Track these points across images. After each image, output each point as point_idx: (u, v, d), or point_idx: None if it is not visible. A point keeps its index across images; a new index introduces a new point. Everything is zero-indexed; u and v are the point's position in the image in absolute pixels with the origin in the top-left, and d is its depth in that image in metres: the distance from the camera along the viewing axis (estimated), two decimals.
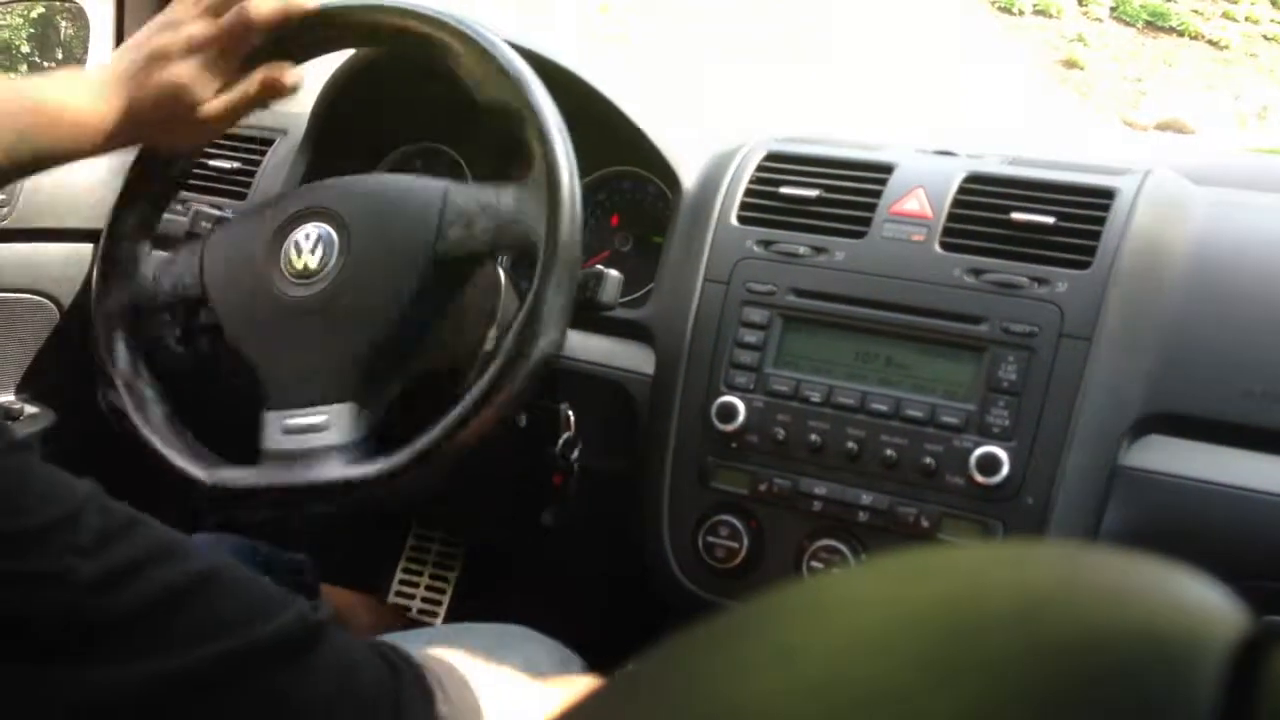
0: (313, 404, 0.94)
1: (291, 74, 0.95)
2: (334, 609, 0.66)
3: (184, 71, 0.91)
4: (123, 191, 1.05)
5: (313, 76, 1.25)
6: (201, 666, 0.56)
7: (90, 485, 0.60)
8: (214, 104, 0.93)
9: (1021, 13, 10.36)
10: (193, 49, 0.91)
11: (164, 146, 1.00)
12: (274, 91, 0.95)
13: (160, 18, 0.94)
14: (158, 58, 0.91)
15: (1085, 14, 10.52)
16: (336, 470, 0.91)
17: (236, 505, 0.96)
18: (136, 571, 0.57)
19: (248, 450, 0.96)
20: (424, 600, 1.58)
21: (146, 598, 0.57)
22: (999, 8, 10.22)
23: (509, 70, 0.91)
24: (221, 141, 1.31)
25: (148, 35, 0.93)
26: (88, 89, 0.90)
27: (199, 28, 0.91)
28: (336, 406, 0.93)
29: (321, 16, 0.98)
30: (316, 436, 0.93)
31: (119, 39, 1.56)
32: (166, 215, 1.09)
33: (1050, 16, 10.42)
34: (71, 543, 0.56)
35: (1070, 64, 9.98)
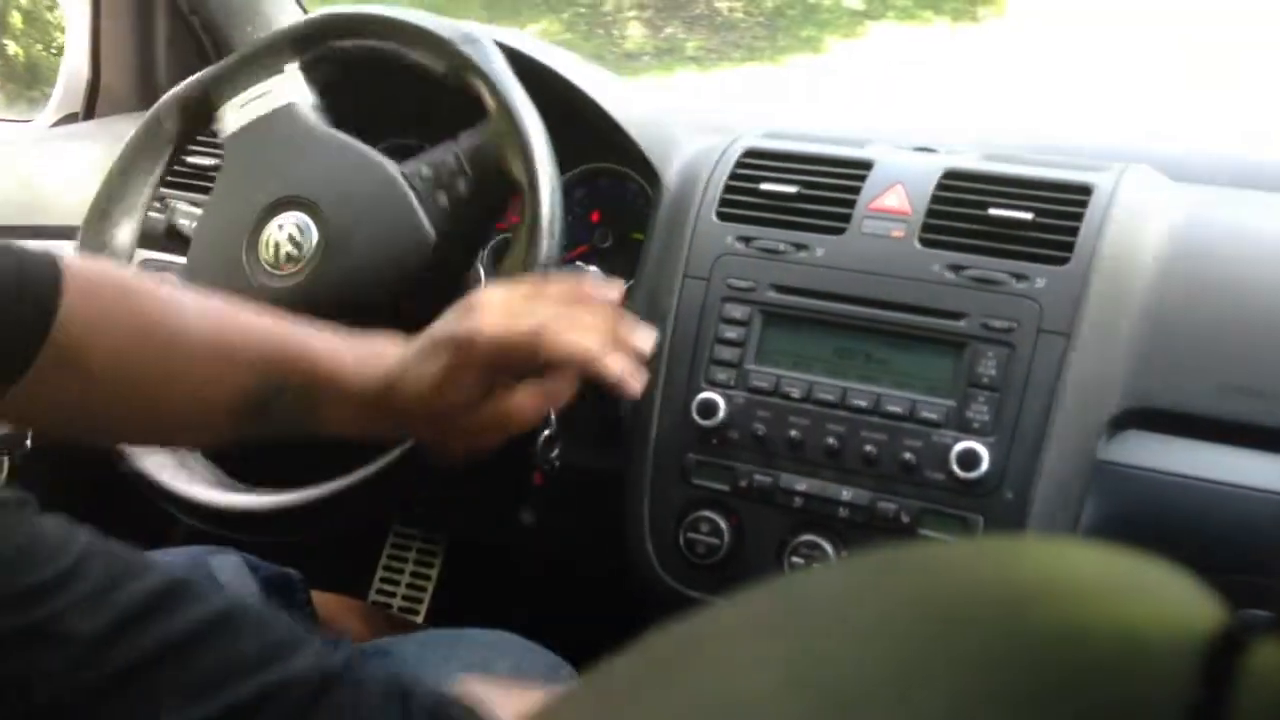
0: None
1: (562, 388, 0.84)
2: (340, 632, 0.64)
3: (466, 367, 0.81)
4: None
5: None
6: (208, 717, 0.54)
7: (88, 534, 0.59)
8: (485, 413, 0.83)
9: None
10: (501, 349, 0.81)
11: (431, 446, 0.89)
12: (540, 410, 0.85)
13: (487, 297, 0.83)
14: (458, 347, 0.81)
15: None
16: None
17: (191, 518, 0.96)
18: (136, 622, 0.56)
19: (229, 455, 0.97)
20: (404, 599, 1.58)
21: (145, 652, 0.56)
22: None
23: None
24: (201, 138, 1.30)
25: (453, 321, 0.83)
26: (370, 360, 0.82)
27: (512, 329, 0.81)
28: None
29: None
30: None
31: (95, 37, 1.55)
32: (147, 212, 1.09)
33: None
34: (73, 597, 0.55)
35: None
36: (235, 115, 1.04)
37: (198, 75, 1.07)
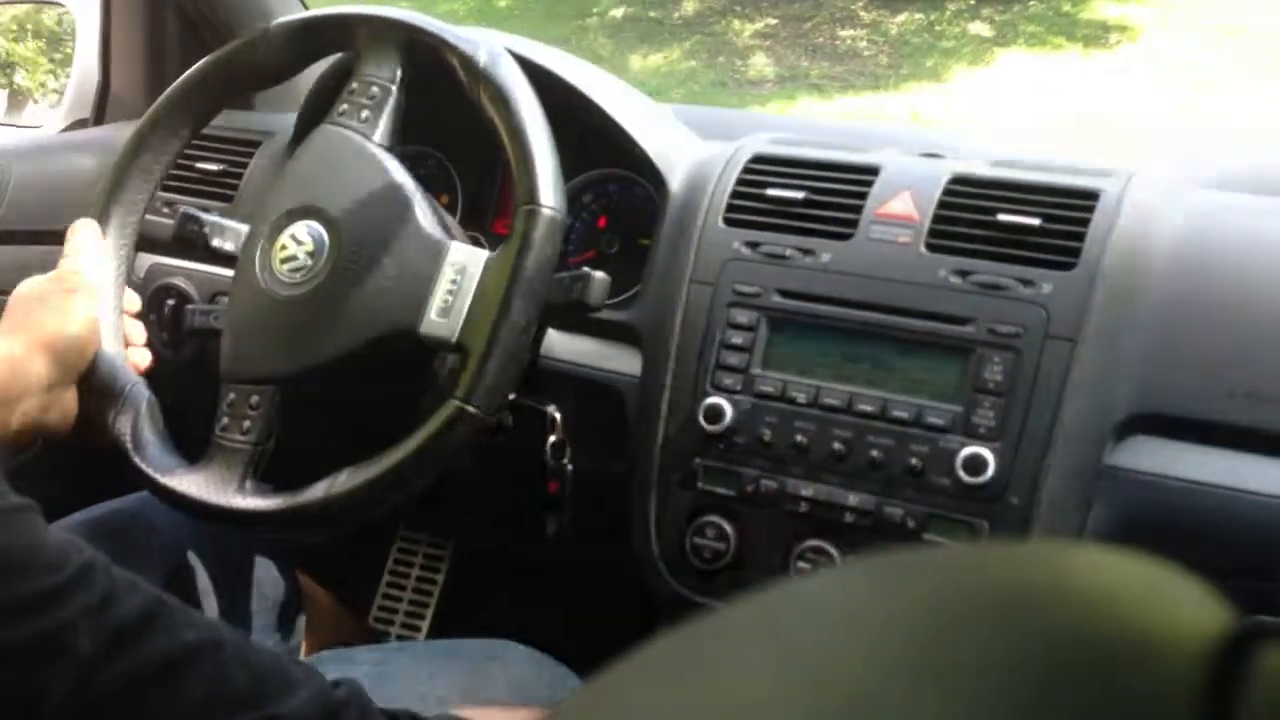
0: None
1: None
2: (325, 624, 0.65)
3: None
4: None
5: (301, 78, 1.24)
6: None
7: (87, 547, 0.60)
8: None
9: None
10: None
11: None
12: None
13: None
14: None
15: None
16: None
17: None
18: (130, 641, 0.56)
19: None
20: (410, 603, 1.58)
21: (138, 672, 0.56)
22: None
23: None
24: (207, 143, 1.30)
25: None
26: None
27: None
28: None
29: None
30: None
31: (105, 44, 1.55)
32: (152, 217, 1.09)
33: None
34: (74, 610, 0.56)
35: None
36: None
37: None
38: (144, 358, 1.03)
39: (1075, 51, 6.64)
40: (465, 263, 0.92)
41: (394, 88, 0.99)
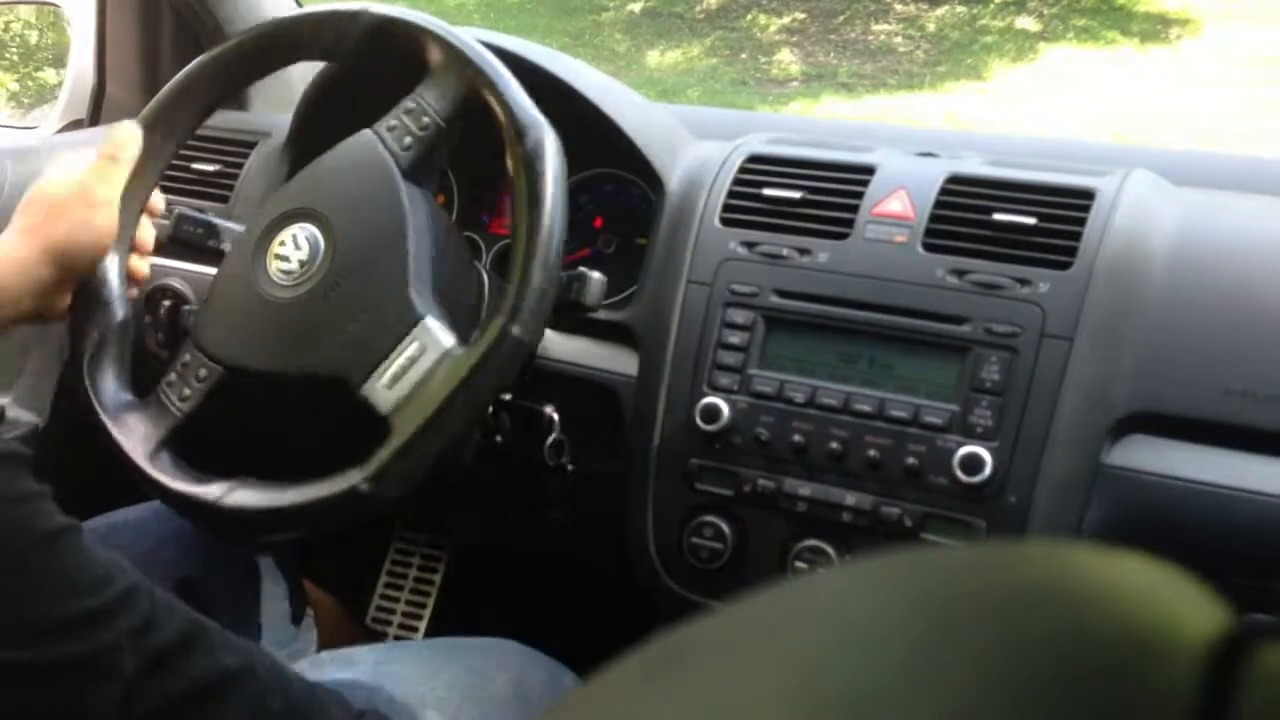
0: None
1: None
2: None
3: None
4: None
5: (297, 78, 1.25)
6: None
7: (130, 567, 0.60)
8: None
9: None
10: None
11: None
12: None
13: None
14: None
15: None
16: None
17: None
18: (168, 663, 0.57)
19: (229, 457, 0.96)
20: (408, 603, 1.58)
21: (175, 694, 0.57)
22: None
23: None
24: (203, 144, 1.30)
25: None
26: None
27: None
28: None
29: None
30: None
31: (100, 45, 1.55)
32: (147, 219, 1.09)
33: None
34: (119, 631, 0.56)
35: None
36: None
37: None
38: (144, 267, 1.04)
39: (1130, 47, 6.18)
40: (428, 344, 0.89)
41: (446, 126, 0.96)
